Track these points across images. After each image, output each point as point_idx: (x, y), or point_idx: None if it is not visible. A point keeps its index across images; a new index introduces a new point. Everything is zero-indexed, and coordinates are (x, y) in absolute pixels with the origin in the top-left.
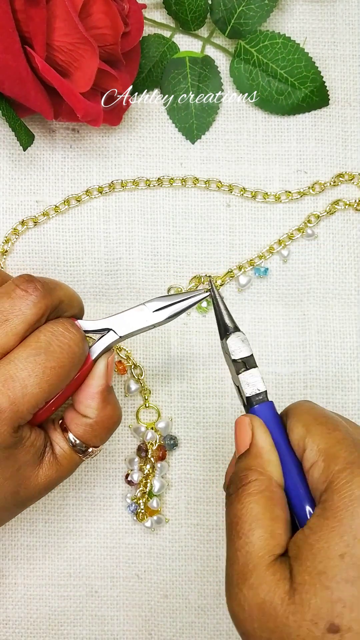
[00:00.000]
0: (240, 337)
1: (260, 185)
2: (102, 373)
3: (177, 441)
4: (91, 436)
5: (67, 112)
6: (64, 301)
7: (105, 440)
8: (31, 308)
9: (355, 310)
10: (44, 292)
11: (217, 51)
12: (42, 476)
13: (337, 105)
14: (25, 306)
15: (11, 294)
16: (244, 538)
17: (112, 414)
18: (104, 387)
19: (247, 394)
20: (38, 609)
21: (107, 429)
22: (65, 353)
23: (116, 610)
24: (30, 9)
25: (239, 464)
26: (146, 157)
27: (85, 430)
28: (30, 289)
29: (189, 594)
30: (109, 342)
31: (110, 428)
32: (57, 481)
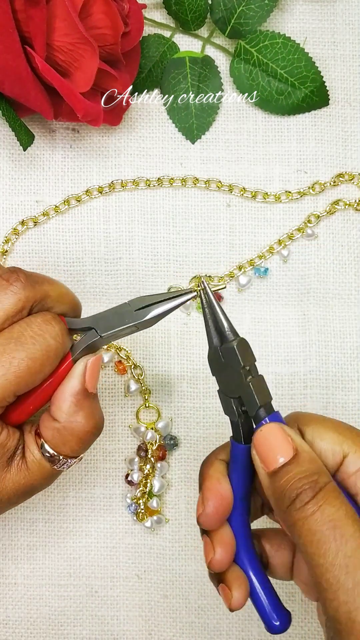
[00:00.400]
0: (244, 343)
1: (260, 185)
2: (79, 374)
3: (177, 441)
4: (59, 442)
5: (67, 112)
6: (51, 296)
7: (77, 450)
8: (10, 298)
9: (355, 310)
10: (26, 283)
11: (217, 51)
12: (9, 480)
13: (337, 105)
14: (4, 295)
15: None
16: (354, 540)
17: (84, 423)
18: (79, 390)
19: (260, 402)
20: (38, 609)
21: (77, 438)
22: (38, 345)
23: (116, 610)
24: (30, 9)
25: (293, 472)
26: (146, 157)
27: (52, 435)
28: (12, 279)
29: (189, 594)
30: (88, 341)
31: (82, 438)
32: (26, 489)
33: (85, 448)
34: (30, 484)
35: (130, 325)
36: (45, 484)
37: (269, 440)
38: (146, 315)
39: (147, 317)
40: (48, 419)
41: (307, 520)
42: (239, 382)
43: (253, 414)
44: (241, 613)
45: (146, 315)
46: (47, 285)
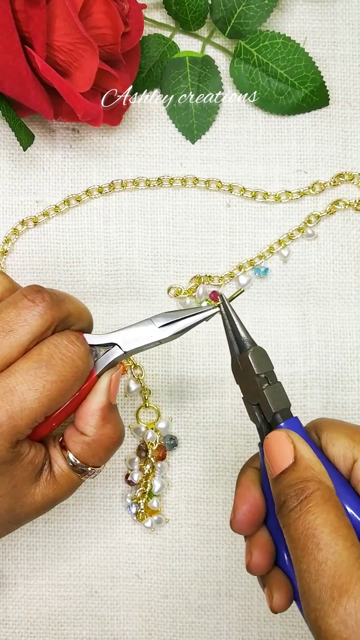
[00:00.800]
0: (260, 351)
1: (260, 185)
2: (104, 390)
3: (177, 441)
4: (89, 455)
5: (67, 112)
6: (73, 314)
7: (104, 460)
8: (37, 319)
9: (355, 310)
10: (52, 303)
11: (217, 51)
12: (39, 494)
13: (337, 105)
14: (31, 317)
15: (18, 303)
16: (327, 549)
17: (111, 434)
18: (105, 404)
19: (274, 409)
20: (38, 609)
21: (105, 449)
22: (67, 367)
23: (116, 610)
24: (30, 9)
25: (288, 478)
26: (146, 157)
27: (82, 449)
28: (38, 300)
29: (189, 594)
30: (113, 357)
31: (109, 448)
32: (55, 501)
33: (110, 456)
34: (57, 495)
35: (154, 342)
36: (71, 493)
37: (274, 447)
38: (170, 332)
39: (172, 333)
40: (76, 434)
41: (290, 526)
42: (256, 390)
43: (270, 420)
44: (241, 613)
45: (170, 332)
46: (68, 303)
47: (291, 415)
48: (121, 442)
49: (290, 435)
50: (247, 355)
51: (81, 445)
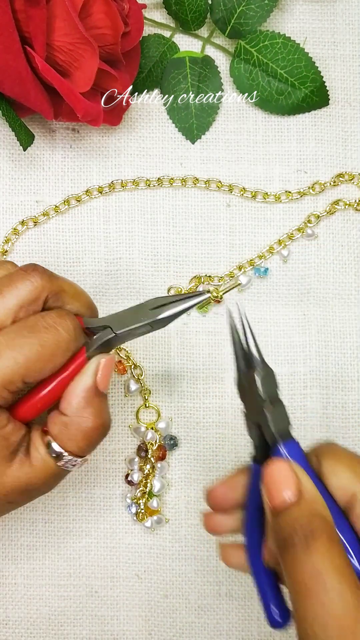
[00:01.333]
0: (269, 372)
1: (260, 185)
2: (92, 372)
3: (177, 441)
4: (66, 438)
5: (67, 112)
6: (67, 291)
7: (82, 448)
8: (27, 286)
9: (355, 310)
10: (43, 275)
11: (217, 51)
12: (9, 476)
13: (337, 105)
14: (21, 283)
15: (13, 275)
16: (333, 592)
17: (91, 419)
18: (90, 387)
19: (275, 431)
20: (38, 609)
21: (83, 434)
22: (50, 334)
23: (116, 610)
24: (30, 9)
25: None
26: (146, 157)
27: (60, 430)
28: (30, 270)
29: (189, 594)
30: (103, 338)
31: (88, 435)
32: (26, 487)
33: (91, 447)
34: (31, 481)
35: (144, 324)
36: (47, 484)
37: (275, 478)
38: (160, 314)
39: (161, 316)
40: (56, 414)
41: (295, 565)
42: (258, 410)
43: (270, 442)
44: (241, 613)
45: (160, 314)
46: (63, 282)
47: (292, 437)
48: (103, 434)
49: (294, 467)
50: (254, 375)
51: (59, 426)
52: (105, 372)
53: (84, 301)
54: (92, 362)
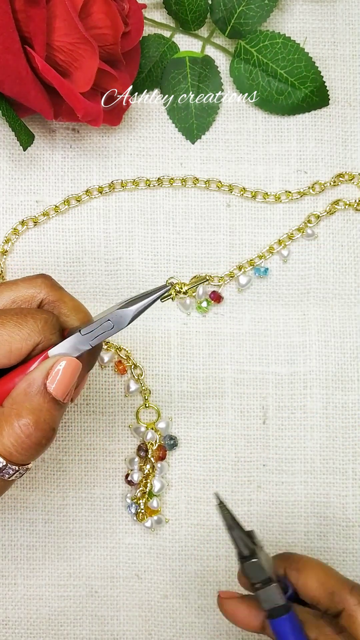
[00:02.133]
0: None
1: (260, 185)
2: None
3: (177, 441)
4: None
5: (67, 112)
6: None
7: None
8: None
9: (355, 310)
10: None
11: (217, 51)
12: None
13: (337, 105)
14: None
15: None
16: None
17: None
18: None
19: (266, 608)
20: (38, 609)
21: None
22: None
23: (116, 611)
24: (30, 9)
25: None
26: (146, 157)
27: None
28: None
29: (189, 594)
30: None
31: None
32: None
33: (22, 451)
34: None
35: (105, 320)
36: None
37: None
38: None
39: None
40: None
41: None
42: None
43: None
44: None
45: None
46: (66, 295)
47: (284, 612)
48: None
49: None
50: (244, 566)
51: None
52: (62, 375)
53: (82, 317)
54: (50, 359)
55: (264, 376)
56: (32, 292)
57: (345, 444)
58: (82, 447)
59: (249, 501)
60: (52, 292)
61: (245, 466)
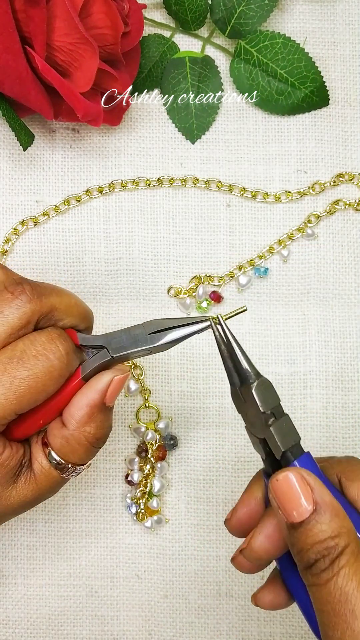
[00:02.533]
0: (266, 384)
1: (260, 185)
2: (101, 388)
3: (177, 441)
4: (68, 451)
5: (67, 112)
6: (59, 309)
7: (84, 459)
8: (14, 311)
9: (355, 310)
10: (32, 296)
11: (217, 51)
12: (14, 496)
13: (337, 105)
14: (8, 309)
15: None
16: None
17: (92, 434)
18: (96, 403)
19: (283, 447)
20: (38, 609)
21: (84, 447)
22: (40, 364)
23: (116, 611)
24: (30, 9)
25: (312, 531)
26: (146, 157)
27: (61, 444)
28: (17, 292)
29: (189, 594)
30: (99, 361)
31: (88, 448)
32: (34, 501)
33: (92, 456)
34: (37, 495)
35: (143, 349)
36: (52, 492)
37: (287, 491)
38: (160, 340)
39: (161, 343)
40: (57, 426)
41: (320, 587)
42: (262, 426)
43: (279, 457)
44: (241, 613)
45: (160, 340)
46: (54, 297)
47: (303, 451)
48: (104, 443)
49: (306, 476)
50: (251, 390)
51: (60, 439)
52: (116, 389)
53: (77, 313)
54: (103, 378)
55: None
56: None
57: (345, 444)
58: None
59: None
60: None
61: (245, 466)
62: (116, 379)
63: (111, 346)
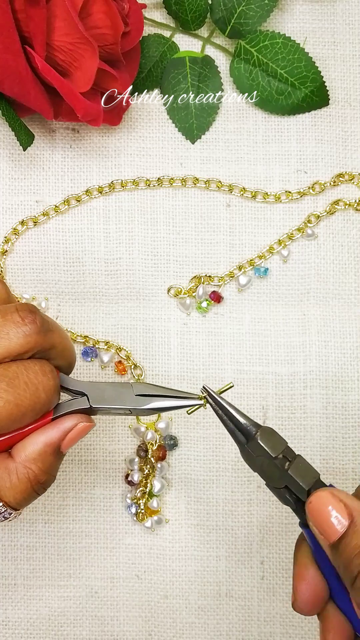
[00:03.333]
0: (268, 431)
1: (260, 185)
2: (63, 428)
3: (177, 441)
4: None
5: (67, 112)
6: (56, 348)
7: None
8: (20, 338)
9: (355, 310)
10: (40, 328)
11: (217, 51)
12: None
13: (337, 105)
14: (14, 333)
15: (7, 315)
16: None
17: (38, 473)
18: (54, 442)
19: (306, 486)
20: (38, 609)
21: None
22: (28, 393)
23: (116, 611)
24: (30, 9)
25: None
26: (146, 157)
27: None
28: (28, 320)
29: (189, 595)
30: (77, 407)
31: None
32: None
33: (26, 501)
34: None
35: (124, 408)
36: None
37: (321, 510)
38: (145, 404)
39: (145, 407)
40: (2, 457)
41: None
42: (280, 473)
43: (305, 498)
44: (241, 613)
45: (144, 405)
46: (56, 337)
47: (325, 485)
48: (42, 491)
49: (336, 493)
50: (257, 441)
51: (1, 470)
52: (76, 436)
53: (68, 357)
54: (69, 421)
55: (264, 376)
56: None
57: (345, 444)
58: (82, 447)
59: (249, 501)
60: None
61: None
62: (81, 425)
63: (92, 396)
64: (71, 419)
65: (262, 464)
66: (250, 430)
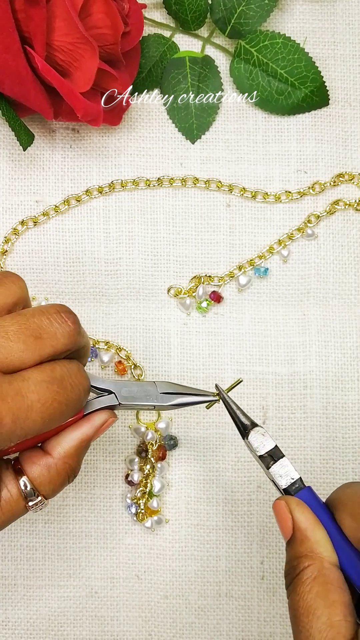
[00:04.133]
0: (260, 432)
1: (260, 185)
2: (96, 424)
3: (177, 441)
4: (45, 480)
5: (67, 112)
6: (85, 348)
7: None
8: (65, 338)
9: (355, 310)
10: (78, 329)
11: (217, 51)
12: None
13: (337, 105)
14: (61, 333)
15: (52, 316)
16: (304, 632)
17: (74, 466)
18: (89, 437)
19: (283, 485)
20: (38, 609)
21: (62, 479)
22: (74, 394)
23: (116, 611)
24: (30, 9)
25: (288, 553)
26: (146, 157)
27: (41, 472)
28: (70, 321)
29: (189, 595)
30: (107, 403)
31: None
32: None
33: (60, 491)
34: None
35: (150, 404)
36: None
37: (277, 518)
38: (169, 401)
39: (169, 403)
40: (37, 454)
41: (288, 601)
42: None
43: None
44: (241, 613)
45: (169, 401)
46: (86, 339)
47: (303, 486)
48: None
49: (289, 503)
50: (247, 439)
51: (40, 467)
52: (105, 428)
53: (86, 356)
54: (101, 416)
55: (264, 376)
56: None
57: (345, 444)
58: None
59: (249, 501)
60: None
61: (245, 466)
62: (111, 420)
63: (120, 393)
64: (101, 415)
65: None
66: (247, 428)
